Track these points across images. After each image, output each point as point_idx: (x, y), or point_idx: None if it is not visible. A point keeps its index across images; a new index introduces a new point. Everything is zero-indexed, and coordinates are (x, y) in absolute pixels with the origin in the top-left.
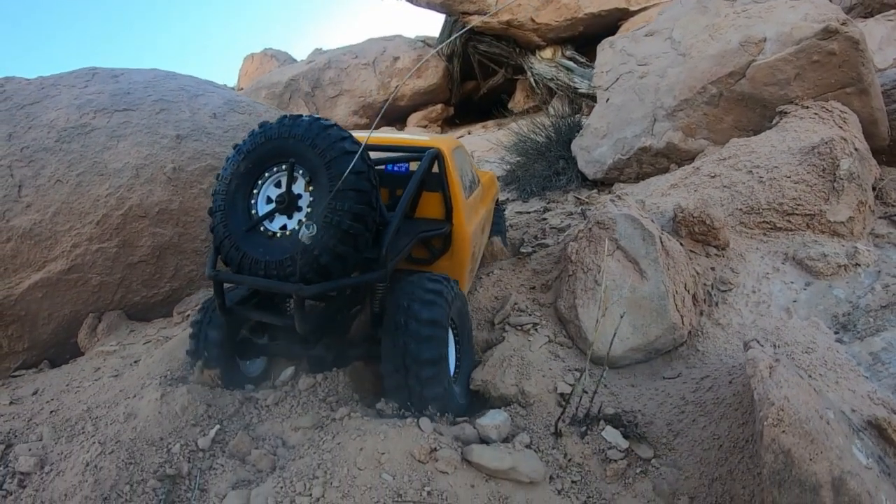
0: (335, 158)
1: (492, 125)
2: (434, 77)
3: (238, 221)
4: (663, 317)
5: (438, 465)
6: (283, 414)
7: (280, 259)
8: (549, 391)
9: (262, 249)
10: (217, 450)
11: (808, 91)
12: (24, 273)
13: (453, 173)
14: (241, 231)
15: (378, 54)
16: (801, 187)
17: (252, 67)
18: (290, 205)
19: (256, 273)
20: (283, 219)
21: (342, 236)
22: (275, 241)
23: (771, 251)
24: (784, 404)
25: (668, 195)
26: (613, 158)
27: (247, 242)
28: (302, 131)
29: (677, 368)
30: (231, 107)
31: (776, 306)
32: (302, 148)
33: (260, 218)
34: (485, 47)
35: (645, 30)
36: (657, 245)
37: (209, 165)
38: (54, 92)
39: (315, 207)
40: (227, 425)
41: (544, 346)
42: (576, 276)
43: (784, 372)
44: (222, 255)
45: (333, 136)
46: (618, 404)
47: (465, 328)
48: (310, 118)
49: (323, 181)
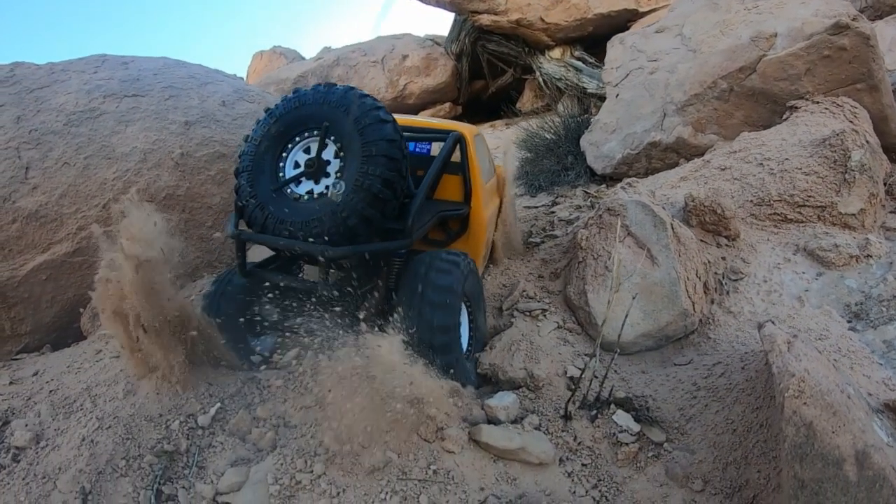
0: (369, 125)
1: (500, 125)
2: (443, 76)
3: (265, 183)
4: (674, 303)
5: (445, 444)
6: (285, 395)
7: (306, 220)
8: (558, 375)
9: (287, 210)
10: (217, 428)
11: (819, 86)
12: (28, 255)
13: (474, 158)
14: (268, 192)
15: (387, 52)
16: (813, 179)
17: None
18: (319, 170)
19: (281, 233)
20: (310, 184)
21: (371, 200)
22: (301, 203)
23: (782, 242)
24: (805, 376)
25: (678, 187)
26: (622, 153)
27: (272, 203)
28: (337, 98)
29: (688, 355)
30: (240, 95)
31: (788, 295)
32: (336, 114)
33: (287, 179)
34: (494, 46)
35: (655, 26)
36: (668, 231)
37: (217, 152)
38: (64, 77)
39: (344, 172)
40: (228, 404)
41: (553, 331)
42: (586, 263)
43: (802, 346)
44: (246, 216)
45: (368, 105)
46: (628, 389)
47: (478, 305)
48: (344, 87)
49: (355, 147)
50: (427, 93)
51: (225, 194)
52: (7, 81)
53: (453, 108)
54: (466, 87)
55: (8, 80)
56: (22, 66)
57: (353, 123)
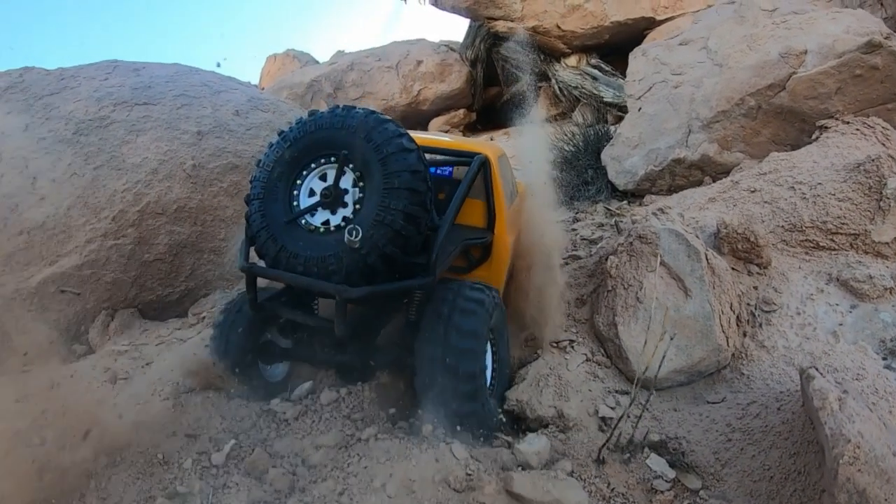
0: (391, 154)
1: (514, 132)
2: (457, 82)
3: (277, 212)
4: (708, 338)
5: (476, 495)
6: (303, 430)
7: (322, 255)
8: (589, 414)
9: (301, 244)
10: (232, 466)
11: (849, 106)
12: (35, 267)
13: (499, 182)
14: (281, 223)
15: (401, 57)
16: (846, 205)
17: (274, 68)
18: (336, 200)
19: (294, 269)
20: (327, 213)
21: (393, 237)
22: (316, 237)
23: (814, 271)
24: (859, 441)
25: (706, 209)
26: (645, 169)
27: (286, 235)
28: (356, 123)
29: (721, 392)
30: (254, 104)
31: (822, 329)
32: (355, 141)
33: (302, 210)
34: (509, 53)
35: (679, 38)
36: (703, 262)
37: (230, 163)
38: (74, 83)
39: (364, 204)
40: (243, 440)
41: (582, 364)
42: (615, 292)
43: (854, 405)
44: (257, 247)
45: (391, 132)
46: (661, 430)
47: (502, 338)
48: (365, 110)
49: (376, 177)
50: (441, 99)
51: (238, 206)
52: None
53: (467, 114)
54: (481, 93)
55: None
56: (31, 71)
57: (373, 152)
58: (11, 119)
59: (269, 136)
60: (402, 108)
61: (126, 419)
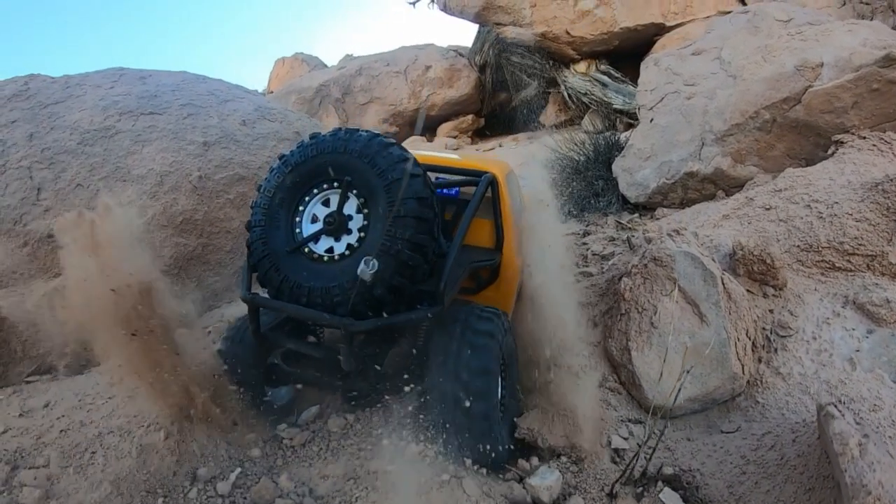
0: (397, 181)
1: (523, 138)
2: (466, 87)
3: (280, 240)
4: (724, 366)
5: None
6: (310, 457)
7: (326, 286)
8: (601, 445)
9: (305, 273)
10: (238, 496)
11: (866, 120)
12: (41, 279)
13: (507, 200)
14: (283, 251)
15: (410, 62)
16: (864, 226)
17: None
18: (340, 226)
19: (298, 300)
20: (330, 241)
21: (399, 267)
22: (320, 266)
23: (830, 293)
24: (880, 493)
25: (720, 226)
26: (657, 182)
27: (289, 264)
28: (360, 147)
29: (736, 421)
30: (262, 114)
31: (838, 356)
32: (359, 166)
33: (305, 239)
34: (518, 59)
35: (692, 48)
36: (719, 287)
37: (237, 174)
38: (79, 92)
39: (369, 232)
40: (248, 468)
41: (594, 391)
42: (629, 316)
43: (875, 451)
44: (259, 276)
45: (395, 156)
46: (674, 461)
47: (512, 364)
48: (368, 134)
49: (380, 204)
50: (449, 104)
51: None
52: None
53: (476, 119)
54: (490, 99)
55: (22, 94)
56: (37, 78)
57: (378, 177)
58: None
59: (277, 146)
60: (410, 114)
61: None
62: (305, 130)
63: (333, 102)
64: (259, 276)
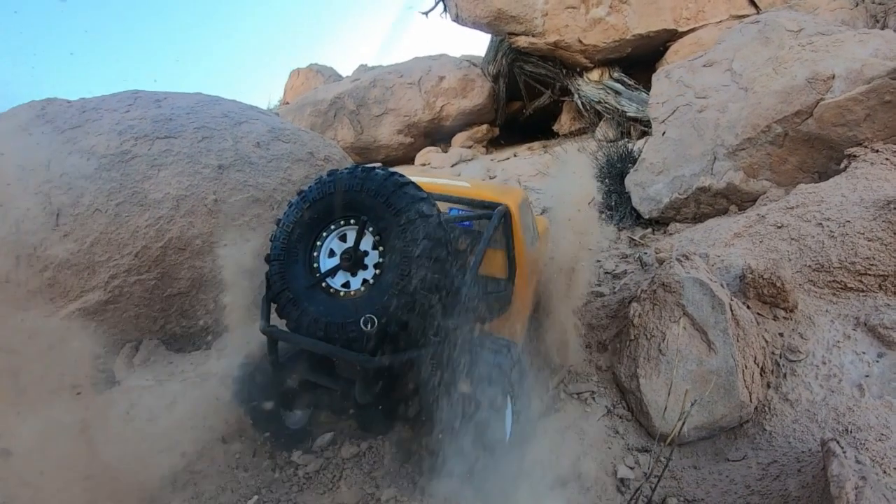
0: (412, 221)
1: (538, 147)
2: (480, 97)
3: (298, 274)
4: (731, 394)
5: None
6: (324, 485)
7: (342, 322)
8: (607, 474)
9: (323, 308)
10: None
11: (879, 133)
12: (60, 302)
13: (519, 232)
14: (302, 286)
15: (423, 73)
16: (876, 245)
17: (298, 82)
18: (356, 262)
19: (315, 333)
20: (347, 275)
21: (413, 306)
22: (337, 300)
23: (841, 314)
24: None
25: (732, 245)
26: (670, 197)
27: (307, 298)
28: (376, 186)
29: (742, 449)
30: (275, 135)
31: (847, 381)
32: (375, 204)
33: (323, 275)
34: (531, 68)
35: (703, 59)
36: (727, 314)
37: (251, 197)
38: (95, 116)
39: (384, 269)
40: (265, 494)
41: (602, 418)
42: (638, 342)
43: (871, 496)
44: (277, 309)
45: (410, 196)
46: (679, 490)
47: (521, 391)
48: (384, 172)
49: (395, 243)
50: (464, 114)
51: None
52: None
53: (490, 129)
54: (504, 108)
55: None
56: (54, 102)
57: (393, 217)
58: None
59: (290, 167)
60: (424, 124)
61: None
62: (318, 149)
63: (348, 114)
64: (278, 310)
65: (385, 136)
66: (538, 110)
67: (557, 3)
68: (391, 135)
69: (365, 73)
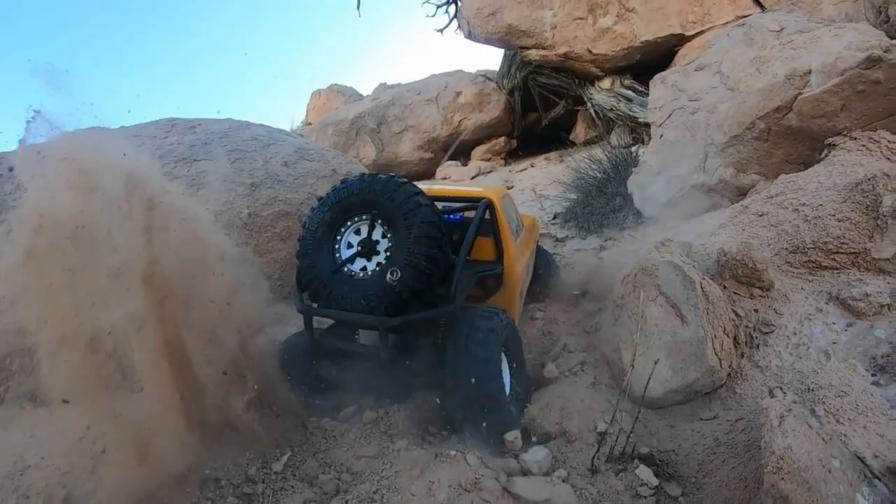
0: (411, 210)
1: (554, 157)
2: (496, 110)
3: (324, 263)
4: (701, 360)
5: (482, 494)
6: (348, 443)
7: (364, 295)
8: (589, 430)
9: (347, 287)
10: (289, 473)
11: (856, 121)
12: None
13: (503, 220)
14: (328, 272)
15: (440, 90)
16: (845, 225)
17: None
18: (371, 249)
19: (343, 307)
20: (364, 261)
21: (419, 275)
22: (357, 280)
23: (815, 291)
24: (785, 453)
25: (717, 234)
26: (668, 196)
27: (333, 281)
28: (381, 187)
29: (715, 410)
30: (301, 155)
31: (815, 348)
32: (382, 201)
33: (344, 261)
34: (544, 79)
35: (695, 63)
36: (697, 291)
37: (282, 210)
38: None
39: (393, 252)
40: (298, 452)
41: (589, 386)
42: (621, 320)
43: (793, 422)
44: (310, 293)
45: (409, 191)
46: (654, 444)
47: (517, 351)
48: (387, 176)
49: (401, 229)
50: (481, 128)
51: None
52: None
53: (508, 141)
54: (520, 120)
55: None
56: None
57: (397, 208)
58: None
59: (315, 183)
60: (444, 139)
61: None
62: (340, 167)
63: (369, 133)
64: (310, 293)
65: (406, 152)
66: (554, 120)
67: (565, 16)
68: (411, 151)
69: (384, 91)
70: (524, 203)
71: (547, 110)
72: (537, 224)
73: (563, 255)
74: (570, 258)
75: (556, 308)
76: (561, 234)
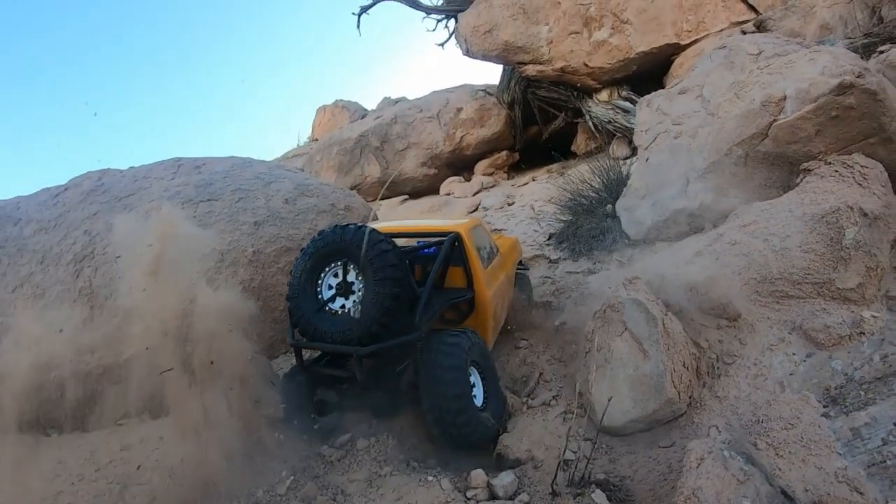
0: (376, 256)
1: (555, 170)
2: (497, 125)
3: (309, 304)
4: (660, 392)
5: None
6: (343, 468)
7: (342, 329)
8: (554, 457)
9: (328, 323)
10: (291, 495)
11: (831, 145)
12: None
13: (471, 250)
14: (312, 311)
15: (441, 106)
16: (811, 256)
17: (325, 118)
18: (346, 290)
19: (325, 340)
20: (342, 300)
21: (385, 311)
22: (337, 317)
23: (781, 320)
24: (693, 493)
25: (692, 263)
26: (652, 219)
27: (317, 319)
28: (350, 237)
29: (673, 437)
30: (301, 191)
31: (772, 379)
32: (352, 249)
33: (325, 301)
34: (543, 93)
35: (679, 86)
36: (659, 327)
37: (284, 246)
38: (146, 184)
39: (364, 292)
40: (299, 476)
41: (559, 416)
42: (591, 353)
43: (710, 464)
44: (299, 329)
45: (373, 239)
46: (614, 470)
47: (489, 367)
48: (355, 226)
49: (368, 273)
50: (483, 143)
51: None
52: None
53: (510, 155)
54: (521, 133)
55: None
56: (108, 173)
57: (364, 255)
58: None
59: (315, 218)
60: (446, 156)
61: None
62: (339, 201)
63: (373, 151)
64: (299, 329)
65: (409, 168)
66: (555, 133)
67: (561, 31)
68: (415, 167)
69: (387, 107)
70: (522, 222)
71: (547, 123)
72: (518, 247)
73: (554, 279)
74: (561, 282)
75: (539, 337)
76: (555, 255)
